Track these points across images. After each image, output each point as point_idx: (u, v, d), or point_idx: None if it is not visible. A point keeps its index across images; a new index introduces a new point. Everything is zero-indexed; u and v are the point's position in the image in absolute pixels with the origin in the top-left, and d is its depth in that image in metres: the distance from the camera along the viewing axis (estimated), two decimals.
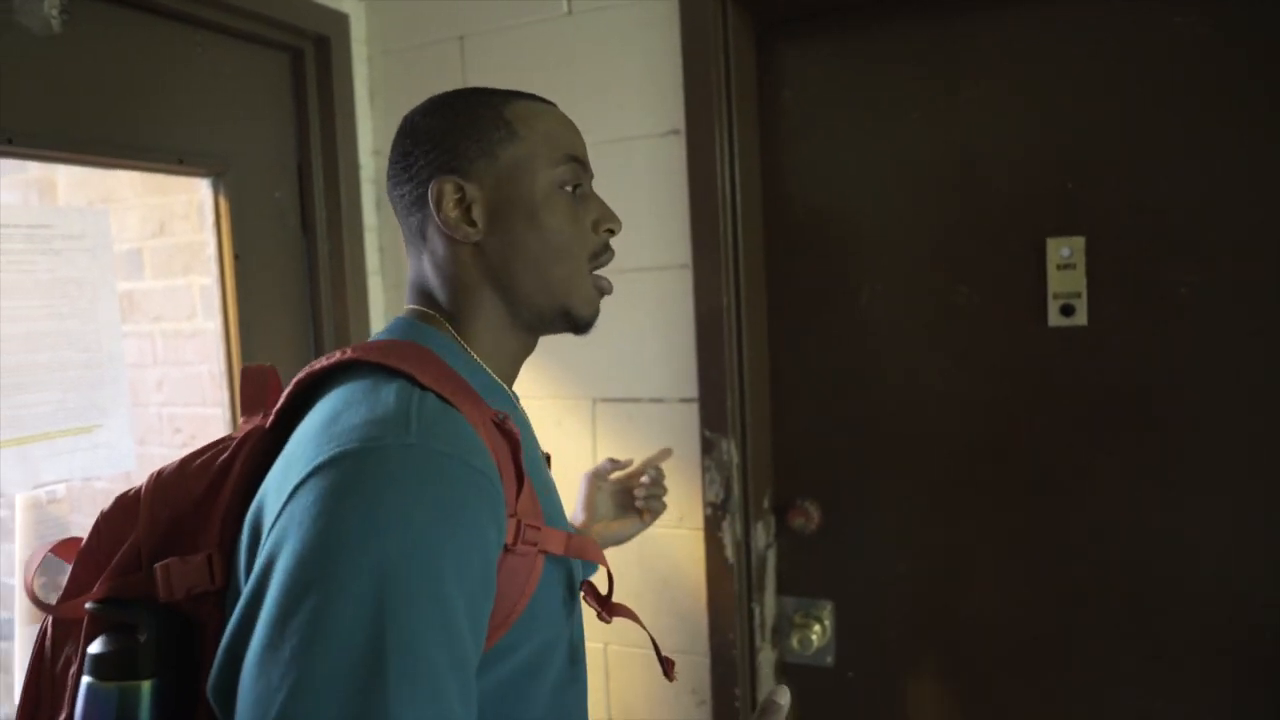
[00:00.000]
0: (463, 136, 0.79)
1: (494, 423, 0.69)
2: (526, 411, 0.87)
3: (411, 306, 0.82)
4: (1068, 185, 1.39)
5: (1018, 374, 1.45)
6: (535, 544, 0.69)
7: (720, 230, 1.48)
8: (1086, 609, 1.42)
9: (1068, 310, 1.40)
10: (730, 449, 1.49)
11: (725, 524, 1.50)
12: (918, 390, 1.51)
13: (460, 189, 0.78)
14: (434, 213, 0.78)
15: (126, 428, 1.35)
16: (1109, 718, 1.42)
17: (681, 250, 1.50)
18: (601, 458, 1.57)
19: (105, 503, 0.74)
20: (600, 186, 1.54)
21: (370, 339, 0.79)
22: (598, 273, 0.84)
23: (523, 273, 0.79)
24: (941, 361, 1.49)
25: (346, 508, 0.59)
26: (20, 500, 1.26)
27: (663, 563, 1.55)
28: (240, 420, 0.79)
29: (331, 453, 0.61)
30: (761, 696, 1.57)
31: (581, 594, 0.78)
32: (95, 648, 0.68)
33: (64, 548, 0.75)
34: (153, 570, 0.68)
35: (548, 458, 0.92)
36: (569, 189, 0.81)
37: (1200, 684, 1.36)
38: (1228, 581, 1.34)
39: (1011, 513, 1.46)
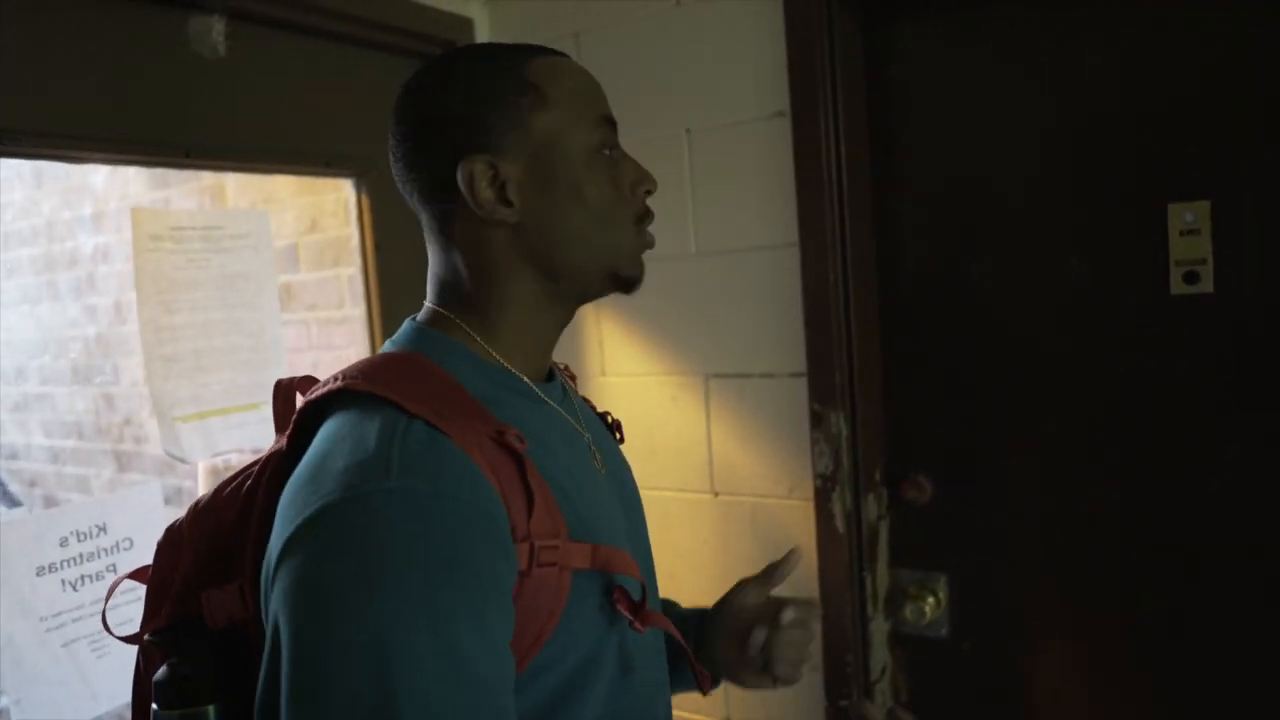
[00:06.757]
0: (487, 107, 0.72)
1: (493, 439, 0.65)
2: (629, 386, 0.86)
3: (428, 305, 0.78)
4: (1189, 150, 1.35)
5: (1138, 343, 1.42)
6: (555, 563, 0.65)
7: (826, 208, 1.51)
8: (1208, 583, 1.39)
9: (1191, 278, 1.36)
10: (839, 422, 1.52)
11: (834, 495, 1.54)
12: (1033, 361, 1.50)
13: (493, 166, 0.71)
14: (467, 196, 0.71)
15: None
16: (1230, 693, 1.38)
17: (789, 229, 1.54)
18: (715, 431, 1.64)
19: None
20: (710, 170, 1.62)
21: (381, 347, 0.77)
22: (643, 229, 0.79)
23: (566, 248, 0.74)
24: (1058, 331, 1.47)
25: (334, 573, 0.58)
26: (202, 467, 1.45)
27: (775, 532, 1.61)
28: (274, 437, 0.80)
29: (316, 507, 0.60)
30: (873, 663, 1.61)
31: (615, 601, 0.71)
32: (159, 676, 0.70)
33: (140, 574, 0.77)
34: (200, 599, 0.70)
35: (616, 425, 0.89)
36: (606, 152, 0.75)
37: None
38: None
39: (1131, 486, 1.43)
